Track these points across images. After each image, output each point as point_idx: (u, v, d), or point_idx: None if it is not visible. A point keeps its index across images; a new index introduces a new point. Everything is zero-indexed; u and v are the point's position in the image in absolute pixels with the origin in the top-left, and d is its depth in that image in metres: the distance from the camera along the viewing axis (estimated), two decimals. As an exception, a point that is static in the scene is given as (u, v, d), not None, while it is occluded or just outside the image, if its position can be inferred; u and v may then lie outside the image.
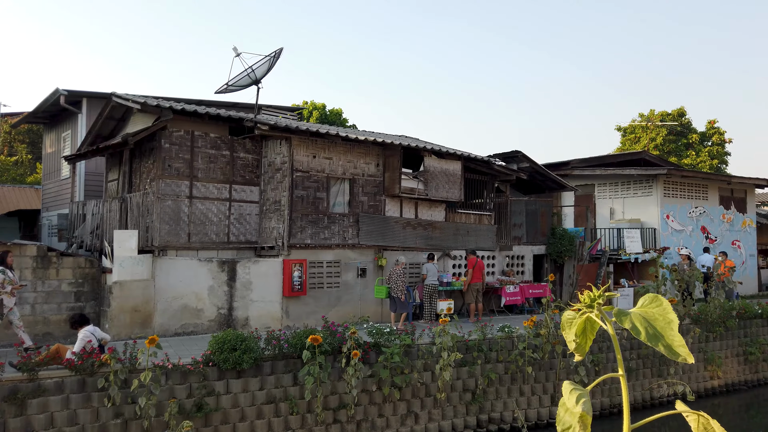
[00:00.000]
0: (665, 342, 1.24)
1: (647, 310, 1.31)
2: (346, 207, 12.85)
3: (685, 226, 18.84)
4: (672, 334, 1.26)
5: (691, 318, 13.69)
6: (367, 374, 9.60)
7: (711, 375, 13.34)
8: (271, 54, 11.26)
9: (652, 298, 1.34)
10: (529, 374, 10.81)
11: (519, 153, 15.77)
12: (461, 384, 10.34)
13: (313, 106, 37.00)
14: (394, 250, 13.60)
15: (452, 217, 14.84)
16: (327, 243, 12.41)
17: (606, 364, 11.92)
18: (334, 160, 12.61)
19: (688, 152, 40.45)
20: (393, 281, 12.22)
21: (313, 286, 12.23)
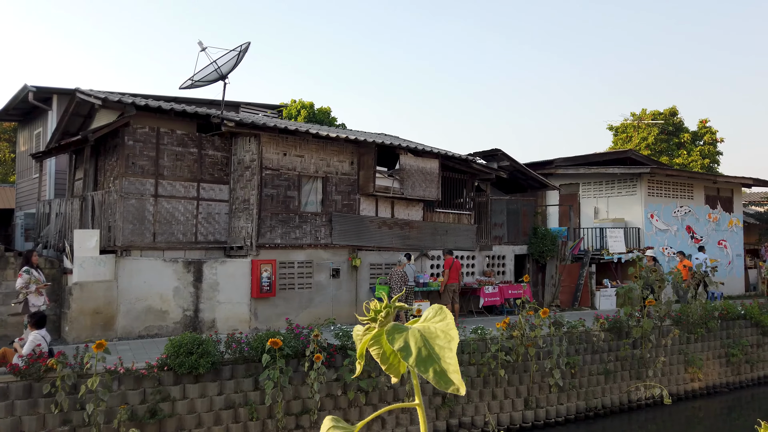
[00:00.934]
0: (439, 366, 0.96)
1: (428, 326, 1.03)
2: (319, 206, 12.56)
3: (669, 226, 18.62)
4: (449, 356, 0.98)
5: (672, 319, 13.46)
6: (333, 378, 9.33)
7: (691, 377, 13.10)
8: (236, 48, 10.96)
9: (437, 310, 1.06)
10: (502, 377, 10.54)
11: (499, 151, 15.51)
12: (430, 388, 10.06)
13: (301, 104, 36.67)
14: (369, 250, 13.32)
15: (430, 216, 14.56)
16: (298, 243, 12.11)
17: (583, 366, 11.66)
18: (305, 158, 12.31)
19: (679, 152, 40.28)
20: (393, 281, 12.27)
21: (284, 287, 11.94)
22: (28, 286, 8.77)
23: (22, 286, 8.72)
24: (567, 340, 11.73)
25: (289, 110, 36.28)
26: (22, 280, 8.75)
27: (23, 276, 8.77)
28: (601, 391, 11.70)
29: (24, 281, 8.73)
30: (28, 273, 8.82)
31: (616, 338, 12.37)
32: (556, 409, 10.98)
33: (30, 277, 8.80)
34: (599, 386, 11.72)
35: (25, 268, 8.86)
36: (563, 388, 11.17)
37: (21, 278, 8.78)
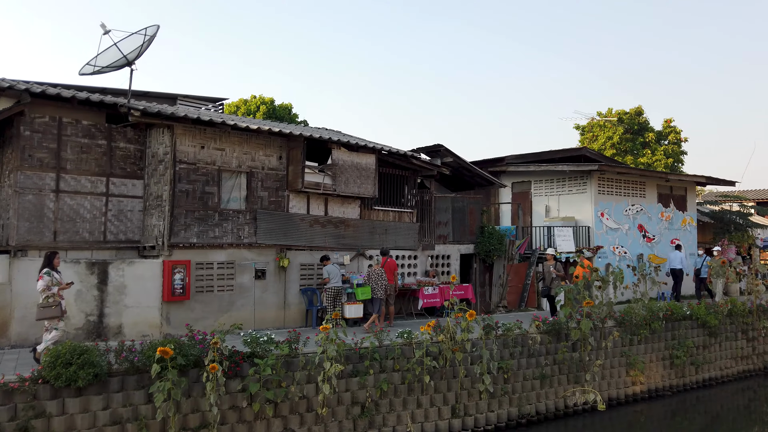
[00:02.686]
0: None
1: None
2: (243, 203, 11.80)
3: (621, 225, 18.28)
4: None
5: (615, 320, 13.04)
6: (237, 389, 8.61)
7: (633, 380, 12.68)
8: (141, 31, 10.17)
9: None
10: (428, 384, 9.93)
11: (441, 147, 14.94)
12: (350, 396, 9.41)
13: (261, 100, 35.74)
14: (299, 249, 12.61)
15: (368, 214, 13.92)
16: (218, 242, 11.34)
17: (518, 371, 11.13)
18: (227, 152, 11.54)
19: (644, 151, 40.40)
20: (373, 281, 12.14)
21: (201, 290, 11.16)
22: (50, 288, 8.57)
23: (44, 288, 8.52)
24: (501, 344, 11.20)
25: (248, 106, 35.34)
26: (44, 282, 8.54)
27: (44, 278, 8.56)
28: (536, 397, 11.19)
29: (45, 283, 8.53)
30: (49, 275, 8.61)
31: (554, 341, 11.88)
32: (485, 416, 10.41)
33: (51, 279, 8.61)
34: (534, 391, 11.20)
35: (46, 270, 8.64)
36: (494, 394, 10.62)
37: (42, 280, 8.55)
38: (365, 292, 12.32)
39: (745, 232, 22.92)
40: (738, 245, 22.71)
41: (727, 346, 14.95)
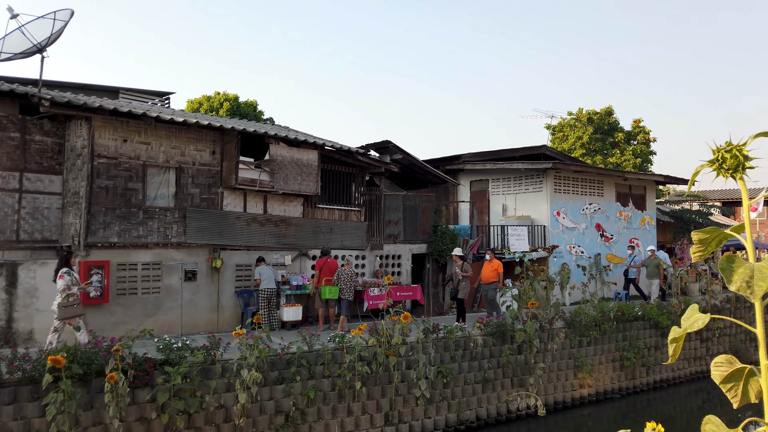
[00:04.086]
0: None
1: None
2: (172, 200, 11.17)
3: (577, 224, 18.02)
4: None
5: (565, 321, 12.70)
6: (146, 399, 8.00)
7: (580, 383, 12.34)
8: (50, 15, 9.47)
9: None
10: (359, 390, 9.43)
11: (390, 143, 14.47)
12: (273, 405, 8.86)
13: (224, 97, 34.93)
14: (235, 249, 12.01)
15: (312, 212, 13.37)
16: (143, 242, 10.69)
17: (458, 375, 10.70)
18: (153, 146, 10.90)
19: (613, 151, 40.48)
20: (343, 281, 11.93)
21: (123, 292, 10.50)
22: (70, 287, 8.61)
23: (64, 288, 8.54)
24: (443, 347, 10.76)
25: (211, 102, 34.50)
26: (64, 281, 8.56)
27: (65, 278, 8.58)
28: (477, 402, 10.76)
29: (66, 283, 8.56)
30: (69, 275, 8.65)
31: (498, 343, 11.48)
32: (421, 423, 9.95)
33: (71, 279, 8.67)
34: (475, 396, 10.77)
35: (65, 270, 8.65)
36: (432, 400, 10.17)
37: (62, 280, 8.57)
38: (333, 291, 12.04)
39: (705, 231, 22.90)
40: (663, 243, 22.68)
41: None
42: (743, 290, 1.40)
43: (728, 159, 1.53)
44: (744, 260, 1.52)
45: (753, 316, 12.40)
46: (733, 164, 1.53)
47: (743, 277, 1.44)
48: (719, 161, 1.56)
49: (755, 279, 1.43)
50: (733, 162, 1.53)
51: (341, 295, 11.97)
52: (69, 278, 8.62)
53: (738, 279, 1.44)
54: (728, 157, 1.53)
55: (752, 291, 1.40)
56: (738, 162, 1.53)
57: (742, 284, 1.42)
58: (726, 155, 1.54)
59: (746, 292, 1.40)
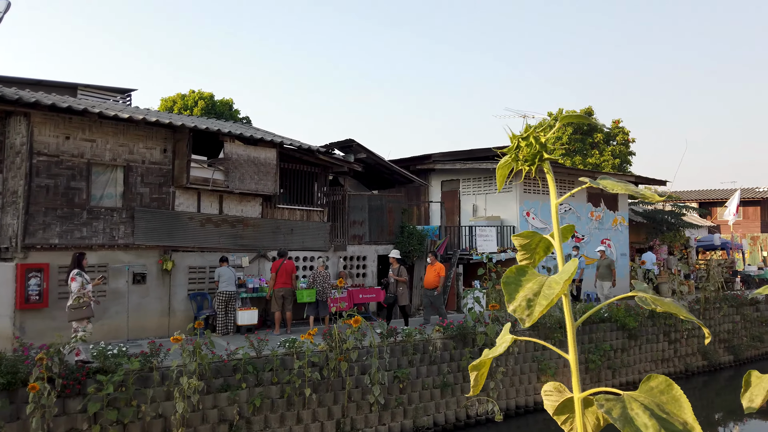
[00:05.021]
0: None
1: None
2: (119, 200, 10.74)
3: (548, 224, 17.82)
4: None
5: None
6: (77, 409, 7.61)
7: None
8: (-19, 5, 9.06)
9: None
10: (309, 397, 9.10)
11: (353, 142, 14.14)
12: (216, 413, 8.50)
13: (199, 95, 34.40)
14: (188, 251, 11.61)
15: (271, 212, 13.01)
16: (87, 243, 10.26)
17: (416, 380, 10.41)
18: (98, 143, 10.47)
19: (593, 152, 40.53)
20: (319, 283, 12.00)
21: (65, 296, 10.06)
22: (84, 288, 8.64)
23: (79, 290, 8.57)
24: (401, 350, 10.47)
25: (185, 101, 33.96)
26: (77, 283, 8.59)
27: (77, 279, 8.62)
28: (435, 407, 10.48)
29: (79, 284, 8.60)
30: (81, 276, 8.69)
31: (459, 346, 11.21)
32: (375, 430, 9.63)
33: (83, 280, 8.68)
34: (433, 401, 10.49)
35: (77, 271, 8.67)
36: (387, 406, 9.86)
37: (75, 282, 8.60)
38: (310, 294, 12.11)
39: (678, 231, 22.88)
40: (670, 245, 22.67)
41: (647, 349, 14.58)
42: (521, 311, 1.11)
43: (524, 148, 1.25)
44: (537, 274, 1.23)
45: (722, 317, 12.27)
46: (529, 154, 1.25)
47: (527, 294, 1.15)
48: (516, 150, 1.28)
49: (540, 296, 1.13)
50: (530, 151, 1.25)
51: (318, 297, 12.06)
52: (81, 279, 8.65)
53: (520, 297, 1.15)
54: (524, 146, 1.25)
55: (531, 312, 1.11)
56: (535, 151, 1.24)
57: (521, 303, 1.12)
58: (522, 143, 1.26)
59: (524, 314, 1.11)
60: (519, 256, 1.52)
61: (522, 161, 1.26)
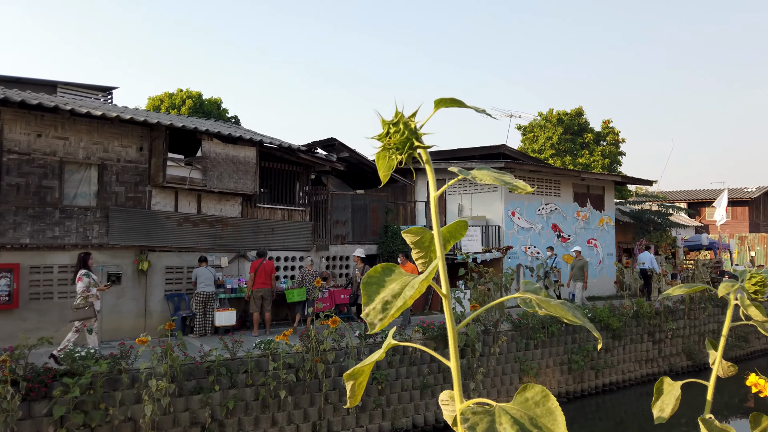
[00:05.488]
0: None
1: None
2: (93, 199, 10.56)
3: (533, 224, 17.76)
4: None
5: (512, 324, 12.39)
6: (43, 412, 7.44)
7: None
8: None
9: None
10: (285, 399, 8.96)
11: (336, 141, 14.02)
12: (188, 416, 8.34)
13: (187, 94, 34.16)
14: (165, 251, 11.43)
15: (251, 212, 12.85)
16: (59, 243, 10.08)
17: (395, 381, 10.29)
18: (72, 141, 10.29)
19: (583, 152, 40.55)
20: (307, 282, 11.97)
21: (37, 297, 9.88)
22: (90, 289, 8.65)
23: (84, 290, 8.59)
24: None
25: (172, 99, 33.72)
26: (83, 284, 8.62)
27: (83, 279, 8.64)
28: (415, 409, 10.37)
29: (85, 285, 8.62)
30: (88, 276, 8.71)
31: (440, 347, 11.10)
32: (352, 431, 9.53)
33: (90, 281, 8.71)
34: (413, 403, 10.38)
35: (84, 272, 8.70)
36: (365, 408, 9.74)
37: (81, 282, 8.62)
38: (300, 293, 12.06)
39: (664, 231, 22.89)
40: (656, 245, 22.68)
41: (631, 349, 14.53)
42: (374, 315, 0.98)
43: (393, 134, 1.13)
44: (404, 273, 1.11)
45: (707, 317, 12.20)
46: (399, 141, 1.13)
47: (386, 296, 1.03)
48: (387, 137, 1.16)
49: (399, 298, 1.01)
50: (399, 138, 1.12)
51: (309, 297, 12.03)
52: (88, 280, 8.67)
53: (378, 299, 1.02)
54: (392, 132, 1.13)
55: (384, 316, 0.98)
56: (404, 138, 1.12)
57: (377, 306, 1.00)
58: (392, 129, 1.13)
59: (376, 318, 0.98)
60: (414, 254, 1.39)
61: (393, 149, 1.13)
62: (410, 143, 1.13)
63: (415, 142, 1.13)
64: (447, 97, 1.20)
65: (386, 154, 1.23)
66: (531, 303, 1.18)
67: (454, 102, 1.24)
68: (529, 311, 10.17)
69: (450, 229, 1.33)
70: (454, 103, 1.24)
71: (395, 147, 1.13)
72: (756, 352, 17.91)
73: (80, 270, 8.73)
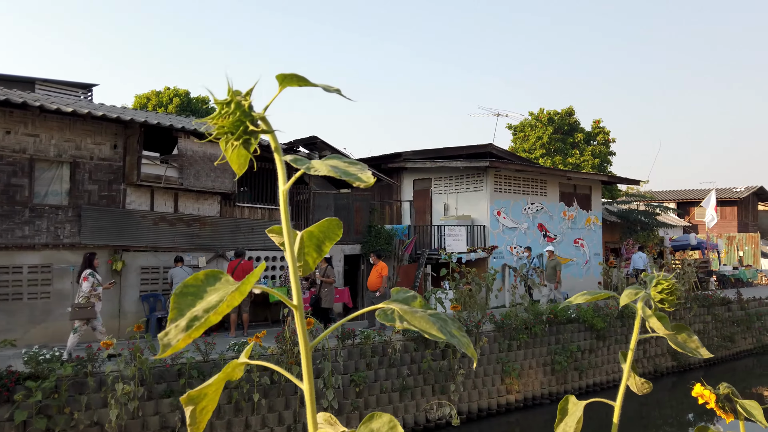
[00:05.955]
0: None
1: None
2: (65, 197, 10.32)
3: (519, 224, 17.64)
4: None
5: (495, 324, 12.25)
6: (5, 417, 7.22)
7: (507, 389, 11.89)
8: None
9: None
10: (258, 402, 8.77)
11: (317, 139, 13.84)
12: (158, 420, 8.14)
13: (174, 92, 33.86)
14: (140, 250, 11.21)
15: (230, 211, 12.64)
16: (28, 242, 9.84)
17: (374, 383, 10.12)
18: (42, 138, 10.04)
19: (573, 151, 40.52)
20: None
21: (6, 298, 9.63)
22: (95, 288, 8.66)
23: (90, 290, 8.58)
24: (358, 353, 10.18)
25: (159, 98, 33.41)
26: (88, 283, 8.60)
27: (89, 279, 8.64)
28: (393, 411, 10.19)
29: (90, 284, 8.61)
30: (93, 276, 8.72)
31: (421, 348, 10.95)
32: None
33: (95, 281, 8.71)
34: (392, 405, 10.21)
35: (89, 271, 8.71)
36: (342, 410, 9.57)
37: (87, 282, 8.61)
38: (283, 292, 11.51)
39: (651, 231, 22.85)
40: (643, 245, 22.65)
41: (615, 350, 14.41)
42: (175, 334, 0.81)
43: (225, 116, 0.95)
44: (231, 282, 0.93)
45: (692, 317, 12.01)
46: (231, 124, 0.95)
47: (199, 311, 0.85)
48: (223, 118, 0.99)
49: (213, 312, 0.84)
50: (231, 120, 0.95)
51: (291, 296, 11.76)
52: (93, 279, 8.69)
53: (188, 315, 0.85)
54: (223, 113, 0.96)
55: (187, 334, 0.81)
56: (239, 122, 0.95)
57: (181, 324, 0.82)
58: (225, 110, 0.96)
59: (175, 338, 0.81)
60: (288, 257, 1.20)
61: (227, 133, 0.95)
62: (244, 126, 0.95)
63: (250, 126, 0.95)
64: (291, 73, 1.02)
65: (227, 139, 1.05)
66: (392, 315, 1.00)
67: (300, 80, 1.05)
68: (511, 313, 9.96)
69: (321, 228, 1.14)
70: (301, 81, 1.05)
71: (228, 131, 0.96)
72: (742, 352, 17.89)
73: (85, 270, 8.71)
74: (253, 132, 1.00)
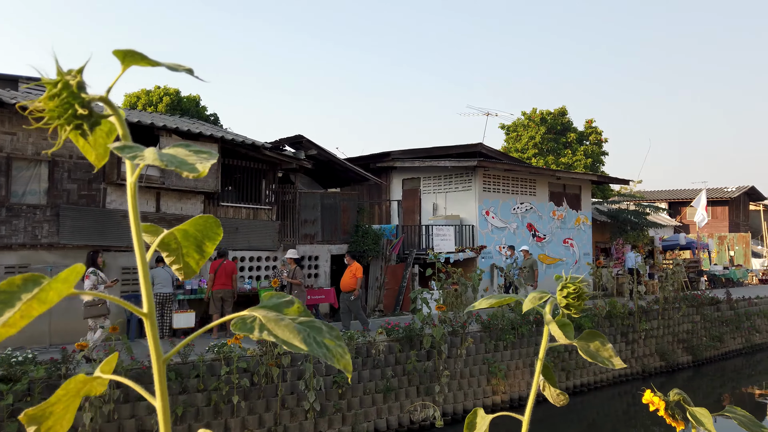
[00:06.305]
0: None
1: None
2: (44, 197, 10.16)
3: (508, 224, 17.56)
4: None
5: (482, 325, 12.16)
6: (-26, 421, 7.08)
7: (493, 389, 11.80)
8: None
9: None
10: (238, 404, 8.64)
11: (303, 138, 13.70)
12: (134, 424, 8.00)
13: (164, 91, 33.58)
14: (120, 250, 11.05)
15: (214, 211, 12.49)
16: (5, 242, 9.66)
17: (357, 384, 10.01)
18: (20, 137, 9.88)
19: (565, 151, 40.51)
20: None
21: (-19, 299, 9.44)
22: (97, 287, 8.69)
23: (91, 288, 8.65)
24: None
25: (150, 97, 33.14)
26: (90, 281, 8.68)
27: (91, 278, 8.70)
28: (377, 412, 10.09)
29: (92, 282, 8.68)
30: (95, 274, 8.77)
31: (406, 349, 10.84)
32: (310, 438, 9.22)
33: (97, 279, 8.75)
34: (375, 407, 10.10)
35: (92, 270, 8.79)
36: (324, 412, 9.44)
37: (89, 280, 8.69)
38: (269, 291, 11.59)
39: (642, 231, 22.84)
40: (633, 244, 22.64)
41: (603, 350, 14.36)
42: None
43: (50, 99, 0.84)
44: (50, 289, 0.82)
45: (681, 317, 11.91)
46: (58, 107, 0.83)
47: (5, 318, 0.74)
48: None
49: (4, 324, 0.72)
50: (57, 104, 0.83)
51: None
52: (95, 278, 8.72)
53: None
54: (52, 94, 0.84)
55: None
56: (66, 104, 0.83)
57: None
58: (53, 90, 0.85)
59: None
60: (166, 259, 1.07)
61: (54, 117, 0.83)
62: (73, 110, 0.83)
63: (79, 109, 0.83)
64: (131, 50, 0.90)
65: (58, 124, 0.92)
66: (252, 324, 0.88)
67: (143, 59, 0.93)
68: (498, 313, 9.77)
69: (198, 227, 1.01)
70: (144, 60, 0.93)
71: (56, 115, 0.84)
72: (731, 352, 17.86)
73: (88, 268, 8.73)
74: (85, 116, 0.88)
